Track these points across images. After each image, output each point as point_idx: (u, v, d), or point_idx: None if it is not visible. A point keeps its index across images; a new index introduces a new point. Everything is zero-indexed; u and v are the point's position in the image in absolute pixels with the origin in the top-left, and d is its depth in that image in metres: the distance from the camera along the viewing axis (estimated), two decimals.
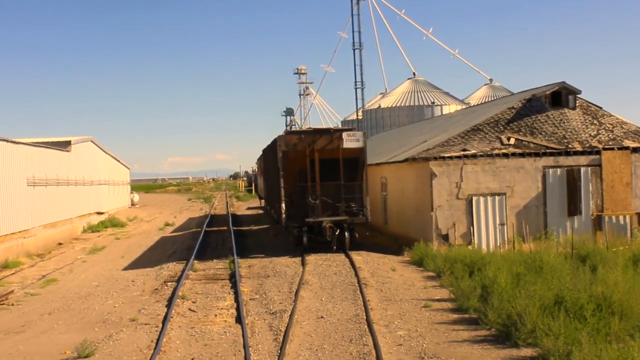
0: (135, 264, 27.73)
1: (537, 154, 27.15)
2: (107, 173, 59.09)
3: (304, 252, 25.74)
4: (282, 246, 29.33)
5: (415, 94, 75.53)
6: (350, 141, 26.48)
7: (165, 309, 16.84)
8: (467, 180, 26.78)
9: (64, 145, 43.72)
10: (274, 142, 28.28)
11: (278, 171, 26.91)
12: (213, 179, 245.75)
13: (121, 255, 31.63)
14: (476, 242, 26.57)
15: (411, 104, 73.48)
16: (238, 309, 16.20)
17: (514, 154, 27.08)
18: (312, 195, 26.44)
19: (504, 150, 27.25)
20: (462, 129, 29.64)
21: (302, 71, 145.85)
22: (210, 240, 34.82)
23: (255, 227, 41.76)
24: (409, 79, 79.86)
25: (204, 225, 42.74)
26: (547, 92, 29.32)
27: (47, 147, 39.44)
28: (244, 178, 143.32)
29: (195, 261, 25.83)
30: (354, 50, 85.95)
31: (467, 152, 27.00)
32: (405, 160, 28.74)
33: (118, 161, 66.78)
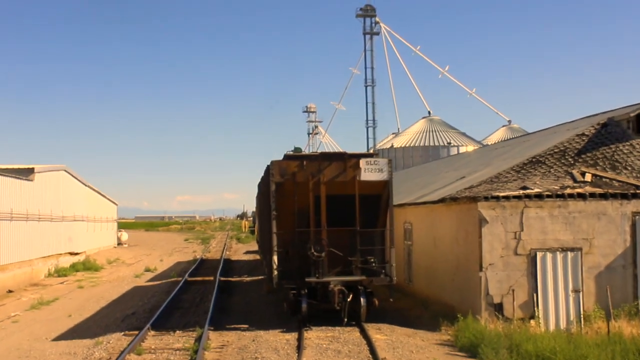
0: (74, 331, 20.49)
1: (624, 196, 19.83)
2: (87, 208, 51.99)
3: (302, 324, 18.42)
4: (275, 311, 21.98)
5: (430, 133, 69.63)
6: (370, 171, 19.31)
7: None
8: (530, 229, 19.47)
9: (26, 174, 36.68)
10: (267, 170, 21.05)
11: (270, 210, 19.70)
12: (220, 219, 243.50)
13: (69, 314, 24.41)
14: (541, 315, 19.19)
15: (426, 144, 67.58)
16: None
17: (592, 195, 19.77)
18: (316, 245, 19.10)
19: (578, 190, 19.96)
20: (516, 162, 22.52)
21: (312, 109, 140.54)
22: (187, 296, 27.50)
23: (247, 279, 34.38)
24: (423, 117, 74.07)
25: (187, 274, 35.44)
26: (631, 115, 22.18)
27: None
28: (250, 218, 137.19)
29: (151, 332, 18.55)
30: (366, 87, 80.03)
31: (529, 191, 19.74)
32: (442, 200, 21.53)
33: (102, 195, 59.73)
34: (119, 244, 67.96)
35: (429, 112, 75.48)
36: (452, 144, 65.47)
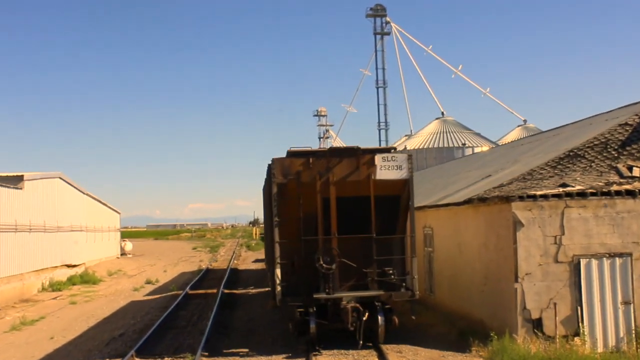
0: (51, 358, 18.00)
1: None
2: (86, 217, 49.56)
3: (310, 347, 15.83)
4: (281, 329, 19.41)
5: (444, 134, 67.11)
6: (387, 169, 16.71)
7: None
8: (572, 233, 16.81)
9: (14, 182, 34.29)
10: (268, 169, 18.47)
11: (271, 216, 17.12)
12: (232, 226, 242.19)
13: (51, 336, 22.00)
14: (587, 332, 16.52)
15: (440, 146, 65.02)
16: None
17: None
18: (326, 255, 16.47)
19: (627, 187, 17.29)
20: (550, 156, 19.90)
21: (322, 113, 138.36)
22: (185, 312, 24.97)
23: (253, 291, 31.81)
24: (437, 118, 71.67)
25: (188, 287, 32.93)
26: None
27: None
28: (261, 225, 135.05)
29: None
30: (377, 88, 77.69)
31: (570, 189, 17.08)
32: (468, 201, 18.90)
33: (103, 203, 57.33)
34: (122, 254, 65.60)
35: (443, 113, 73.10)
36: (467, 145, 63.05)
